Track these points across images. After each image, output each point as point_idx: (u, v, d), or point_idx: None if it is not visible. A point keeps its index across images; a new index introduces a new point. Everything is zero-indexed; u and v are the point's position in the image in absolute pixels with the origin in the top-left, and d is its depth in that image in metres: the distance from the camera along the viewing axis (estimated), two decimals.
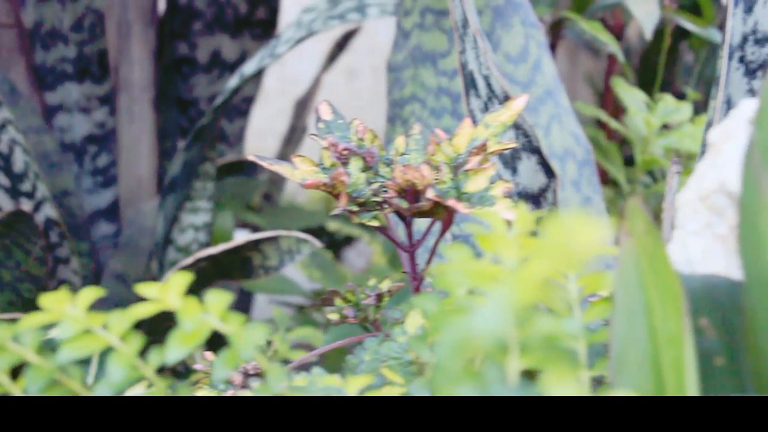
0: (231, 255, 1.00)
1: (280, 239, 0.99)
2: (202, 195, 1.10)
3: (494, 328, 0.34)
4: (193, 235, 1.11)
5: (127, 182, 1.17)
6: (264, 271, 1.03)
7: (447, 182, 0.63)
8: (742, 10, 0.73)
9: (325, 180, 0.64)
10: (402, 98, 0.96)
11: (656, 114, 1.01)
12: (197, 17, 1.23)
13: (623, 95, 1.03)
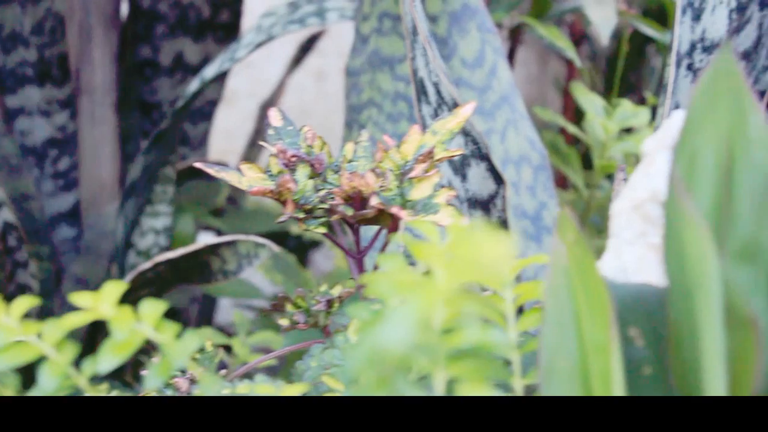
0: (189, 259, 1.00)
1: (238, 243, 1.00)
2: (163, 199, 1.10)
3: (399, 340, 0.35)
4: (153, 239, 1.11)
5: (89, 185, 1.17)
6: (223, 276, 1.03)
7: (393, 189, 0.63)
8: (690, 18, 0.73)
9: (272, 187, 0.64)
10: (359, 103, 0.97)
11: (614, 119, 1.01)
12: (160, 20, 1.23)
13: (582, 100, 1.03)
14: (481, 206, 0.73)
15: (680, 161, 0.44)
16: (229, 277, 1.03)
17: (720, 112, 0.44)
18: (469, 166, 0.72)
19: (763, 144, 0.43)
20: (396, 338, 0.35)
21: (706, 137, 0.44)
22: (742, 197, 0.43)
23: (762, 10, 0.75)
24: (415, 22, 0.67)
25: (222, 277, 1.03)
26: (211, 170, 0.64)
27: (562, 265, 0.45)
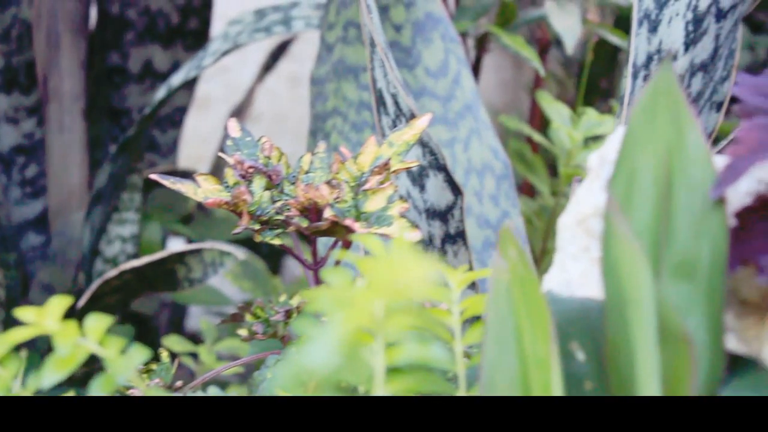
0: (155, 267, 1.00)
1: (203, 252, 1.00)
2: (130, 206, 1.10)
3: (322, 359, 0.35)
4: (120, 247, 1.11)
5: (57, 193, 1.16)
6: (189, 283, 1.03)
7: (348, 201, 0.64)
8: (647, 29, 0.74)
9: (227, 199, 0.64)
10: (324, 112, 0.97)
11: (579, 128, 1.02)
12: (129, 28, 1.23)
13: (547, 108, 1.04)
14: (440, 217, 0.73)
15: (619, 178, 0.44)
16: (195, 285, 1.03)
17: (659, 130, 0.44)
18: (427, 177, 0.72)
19: (701, 162, 0.44)
20: (319, 358, 0.35)
21: (646, 154, 0.44)
22: (680, 214, 0.44)
23: (718, 22, 0.76)
24: (372, 34, 0.67)
25: (188, 284, 1.03)
26: (166, 182, 0.64)
27: (504, 281, 0.45)
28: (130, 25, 1.23)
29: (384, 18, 0.95)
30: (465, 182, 0.91)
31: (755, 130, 0.44)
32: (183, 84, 1.05)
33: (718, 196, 0.43)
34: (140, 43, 1.23)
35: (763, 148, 0.43)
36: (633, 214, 0.44)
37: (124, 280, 1.01)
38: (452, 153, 0.92)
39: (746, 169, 0.42)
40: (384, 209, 0.62)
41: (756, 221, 0.44)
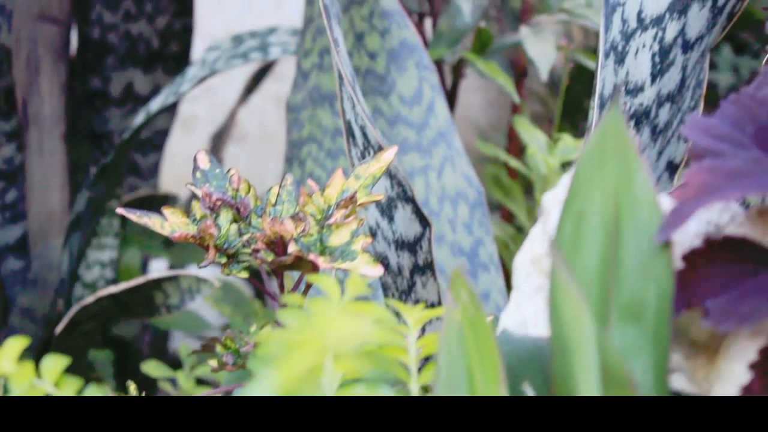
0: (133, 294, 1.00)
1: (180, 278, 1.00)
2: (109, 232, 1.11)
3: None
4: (99, 272, 1.11)
5: (37, 217, 1.17)
6: (166, 309, 1.03)
7: (313, 235, 0.64)
8: (613, 61, 0.74)
9: (193, 233, 0.65)
10: (300, 139, 0.98)
11: (555, 154, 1.03)
12: (110, 52, 1.23)
13: (524, 134, 1.04)
14: (408, 248, 0.73)
15: (568, 220, 0.45)
16: (173, 311, 1.03)
17: (607, 173, 0.45)
18: (395, 208, 0.73)
19: (648, 204, 0.44)
20: None
21: (594, 197, 0.45)
22: (627, 257, 0.44)
23: (685, 53, 0.76)
24: (339, 68, 0.68)
25: (165, 310, 1.03)
26: (132, 216, 0.65)
27: (456, 322, 0.45)
28: (111, 49, 1.23)
29: (359, 45, 0.96)
30: (438, 210, 0.92)
31: (701, 174, 0.45)
32: (161, 109, 1.06)
33: (664, 240, 0.44)
34: (121, 67, 1.24)
35: (708, 192, 0.44)
36: (581, 257, 0.44)
37: (102, 306, 1.01)
38: (426, 180, 0.92)
39: (691, 214, 0.43)
40: (348, 243, 0.62)
41: (702, 264, 0.44)
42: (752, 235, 0.47)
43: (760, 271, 0.44)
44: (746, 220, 0.47)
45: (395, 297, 0.76)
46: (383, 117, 0.94)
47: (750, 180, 0.44)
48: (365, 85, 0.95)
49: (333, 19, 0.69)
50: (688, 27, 0.76)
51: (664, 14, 0.75)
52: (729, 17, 0.78)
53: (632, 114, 0.76)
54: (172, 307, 1.03)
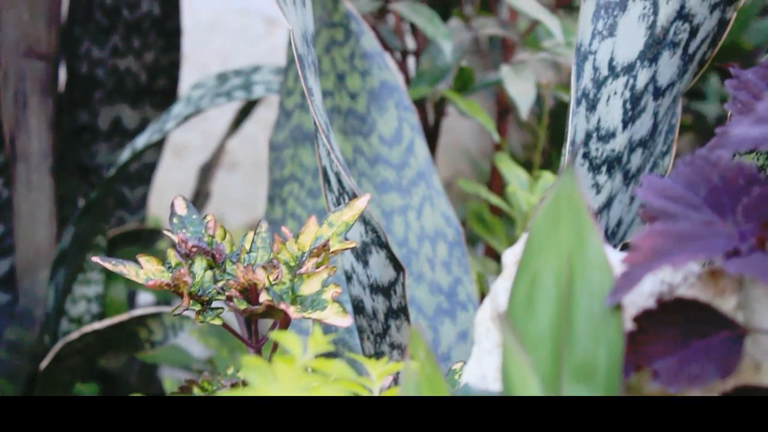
0: (117, 330, 1.01)
1: (163, 315, 1.01)
2: (94, 267, 1.12)
3: None
4: (85, 306, 1.12)
5: (25, 251, 1.18)
6: (151, 345, 1.04)
7: (286, 283, 0.65)
8: (585, 108, 0.75)
9: (168, 281, 0.66)
10: (282, 177, 0.99)
11: (535, 192, 1.04)
12: (98, 87, 1.25)
13: (505, 172, 1.05)
14: (383, 292, 0.74)
15: (522, 281, 0.46)
16: (157, 347, 1.04)
17: (561, 235, 0.46)
18: (370, 254, 0.74)
19: (600, 267, 0.45)
20: None
21: (548, 259, 0.46)
22: (580, 319, 0.45)
23: (656, 99, 0.78)
24: (314, 117, 0.69)
25: (150, 346, 1.04)
26: (107, 264, 0.66)
27: (413, 380, 0.46)
28: (99, 84, 1.25)
29: (341, 85, 0.97)
30: (418, 249, 0.93)
31: (652, 237, 0.46)
32: (147, 147, 1.07)
33: (615, 303, 0.45)
34: (109, 101, 1.25)
35: (658, 256, 0.45)
36: (535, 318, 0.45)
37: (87, 342, 1.02)
38: (405, 220, 0.94)
39: (641, 278, 0.44)
40: (319, 293, 0.63)
41: (653, 326, 0.45)
42: (703, 297, 0.48)
43: (709, 333, 0.45)
44: (698, 281, 0.48)
45: (370, 340, 0.77)
46: (364, 156, 0.95)
47: (699, 244, 0.45)
48: (346, 125, 0.96)
49: (307, 69, 0.70)
50: (659, 74, 0.77)
51: (635, 62, 0.76)
52: (700, 64, 0.79)
53: (604, 159, 0.77)
54: (156, 343, 1.04)
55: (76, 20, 1.23)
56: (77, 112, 1.25)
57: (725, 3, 0.77)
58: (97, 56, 1.24)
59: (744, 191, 0.48)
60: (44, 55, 1.17)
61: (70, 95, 1.25)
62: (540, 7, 1.04)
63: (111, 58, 1.24)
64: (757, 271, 0.43)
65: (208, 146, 1.92)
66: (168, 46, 1.25)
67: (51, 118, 1.17)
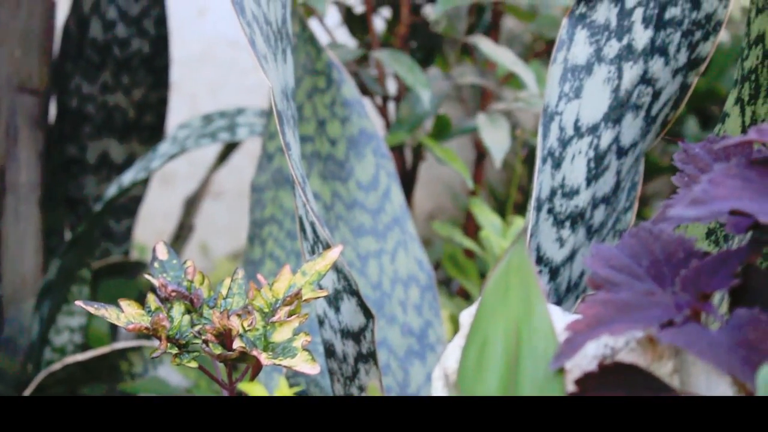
0: (98, 362, 1.05)
1: (144, 348, 1.04)
2: (78, 298, 1.15)
3: None
4: (68, 337, 1.16)
5: (11, 281, 1.21)
6: (131, 377, 1.07)
7: (259, 329, 0.69)
8: (551, 166, 0.79)
9: (147, 325, 0.69)
10: (262, 218, 1.02)
11: (508, 237, 1.07)
12: (87, 121, 1.28)
13: (479, 216, 1.09)
14: (353, 337, 0.78)
15: (473, 345, 0.49)
16: (137, 379, 1.07)
17: (510, 303, 0.50)
18: (342, 300, 0.77)
19: (545, 334, 0.49)
20: None
21: (497, 325, 0.49)
22: (525, 381, 0.49)
23: (619, 158, 0.81)
24: (291, 170, 0.73)
25: (130, 378, 1.08)
26: (90, 308, 0.69)
27: None
28: (88, 118, 1.28)
29: (321, 131, 1.01)
30: (391, 291, 0.97)
31: (595, 306, 0.49)
32: (133, 184, 1.10)
33: (558, 367, 0.48)
34: (97, 136, 1.29)
35: (599, 324, 0.48)
36: (484, 380, 0.49)
37: (69, 372, 1.05)
38: (380, 263, 0.97)
39: (582, 345, 0.48)
40: (290, 341, 0.67)
41: (593, 389, 0.49)
42: (641, 361, 0.51)
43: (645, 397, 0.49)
44: (638, 346, 0.52)
45: (340, 382, 0.80)
46: (341, 201, 0.99)
47: (637, 314, 0.49)
48: (326, 170, 1.00)
49: (286, 124, 0.74)
50: (622, 135, 0.81)
51: (600, 123, 0.80)
52: (663, 125, 0.83)
53: (568, 215, 0.81)
54: (136, 375, 1.07)
55: (68, 57, 1.27)
56: (66, 145, 1.28)
57: (687, 68, 0.81)
58: (87, 92, 1.27)
59: (683, 264, 0.52)
60: (35, 90, 1.21)
61: (59, 129, 1.28)
62: (515, 59, 1.08)
63: (100, 94, 1.27)
64: (687, 342, 0.47)
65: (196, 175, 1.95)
66: (156, 83, 1.28)
67: (41, 151, 1.21)
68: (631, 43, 0.79)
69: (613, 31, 0.79)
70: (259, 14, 0.74)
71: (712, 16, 0.80)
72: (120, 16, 1.26)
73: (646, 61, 0.80)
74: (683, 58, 0.80)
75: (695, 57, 0.81)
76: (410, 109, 1.09)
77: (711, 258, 0.51)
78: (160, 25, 1.27)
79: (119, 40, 1.27)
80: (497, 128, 1.07)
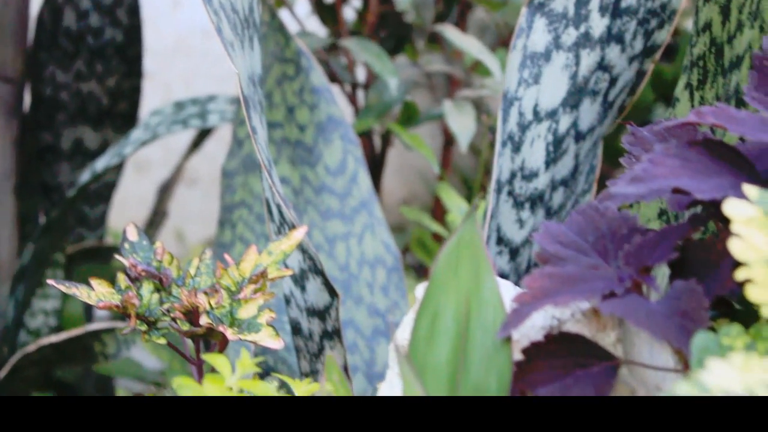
0: (72, 343, 1.07)
1: (117, 330, 1.07)
2: None
3: None
4: (43, 320, 1.18)
5: None
6: (105, 358, 1.10)
7: (225, 307, 0.71)
8: (510, 149, 0.82)
9: (117, 303, 0.71)
10: (232, 203, 1.04)
11: None
12: (61, 109, 1.30)
13: (446, 200, 1.12)
14: (318, 315, 0.80)
15: (424, 316, 0.52)
16: (110, 359, 1.09)
17: (461, 277, 0.52)
18: (307, 279, 0.80)
19: (494, 305, 0.52)
20: None
21: (448, 297, 0.52)
22: (474, 350, 0.51)
23: (577, 142, 0.84)
24: (257, 154, 0.75)
25: (104, 359, 1.10)
26: (62, 287, 0.71)
27: None
28: (62, 106, 1.30)
29: (290, 117, 1.03)
30: (358, 273, 0.99)
31: (541, 279, 0.52)
32: (106, 170, 1.12)
33: (505, 336, 0.51)
34: (72, 123, 1.30)
35: (545, 295, 0.51)
36: (435, 350, 0.51)
37: (43, 354, 1.07)
38: (347, 246, 1.00)
39: (528, 315, 0.50)
40: (255, 317, 0.69)
41: (539, 357, 0.52)
42: (586, 332, 0.54)
43: (588, 365, 0.51)
44: (583, 317, 0.54)
45: (306, 359, 0.82)
46: (310, 185, 1.01)
47: (581, 286, 0.51)
48: (295, 155, 1.02)
49: (252, 110, 0.76)
50: (580, 120, 0.83)
51: (558, 108, 0.82)
52: (620, 110, 0.86)
53: (528, 197, 0.83)
54: (109, 356, 1.09)
55: (42, 45, 1.28)
56: (41, 133, 1.30)
57: (643, 55, 0.84)
58: (62, 80, 1.29)
59: (627, 239, 0.54)
60: (10, 79, 1.22)
61: (34, 117, 1.30)
62: (482, 47, 1.11)
63: (74, 82, 1.29)
64: (627, 312, 0.49)
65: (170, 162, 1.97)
66: (129, 72, 1.30)
67: (15, 138, 1.23)
68: (589, 31, 0.82)
69: (570, 19, 0.82)
70: (226, 2, 0.76)
71: (667, 5, 0.83)
72: (93, 5, 1.28)
73: (603, 49, 0.83)
74: (639, 45, 0.83)
75: (651, 44, 0.83)
76: (378, 96, 1.11)
77: (653, 234, 0.54)
78: (133, 14, 1.29)
79: (93, 30, 1.28)
80: (463, 114, 1.09)
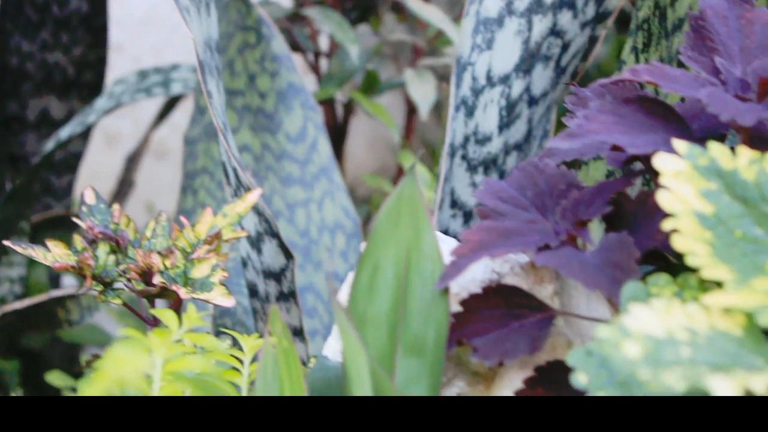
0: (36, 310, 1.08)
1: (80, 296, 1.08)
2: None
3: None
4: (9, 287, 1.19)
5: None
6: (68, 324, 1.11)
7: (180, 267, 0.72)
8: (464, 114, 0.83)
9: (73, 263, 0.72)
10: (194, 170, 1.06)
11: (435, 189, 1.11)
12: (27, 79, 1.30)
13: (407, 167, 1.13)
14: (274, 277, 0.82)
15: (365, 269, 0.53)
16: (74, 326, 1.10)
17: (401, 230, 0.53)
18: (263, 242, 0.81)
19: (432, 258, 0.53)
20: None
21: (388, 250, 0.53)
22: (414, 302, 0.53)
23: (530, 107, 0.85)
24: (213, 118, 0.76)
25: (68, 325, 1.11)
26: (17, 248, 0.73)
27: (271, 352, 0.54)
28: (28, 76, 1.30)
29: (251, 85, 1.04)
30: (318, 239, 1.00)
31: (479, 233, 0.53)
32: (70, 138, 1.13)
33: (442, 288, 0.52)
34: (37, 93, 1.31)
35: (482, 248, 0.52)
36: (375, 301, 0.53)
37: (7, 321, 1.08)
38: (307, 212, 1.01)
39: (465, 267, 0.52)
40: (207, 277, 0.70)
41: (476, 308, 0.53)
42: (524, 285, 0.55)
43: (524, 316, 0.53)
44: (521, 271, 0.56)
45: (263, 321, 0.84)
46: (271, 152, 1.02)
47: (517, 239, 0.53)
48: (256, 123, 1.03)
49: (208, 74, 0.77)
50: (533, 85, 0.85)
51: (511, 73, 0.84)
52: (573, 75, 0.87)
53: (481, 161, 0.85)
54: (73, 322, 1.10)
55: (7, 15, 1.29)
56: (7, 102, 1.31)
57: (595, 21, 0.85)
58: (27, 50, 1.30)
59: (564, 195, 0.56)
60: None
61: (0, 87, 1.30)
62: (443, 16, 1.12)
63: (40, 52, 1.30)
64: (560, 263, 0.51)
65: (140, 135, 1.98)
66: (95, 42, 1.31)
67: None
68: None
69: None
70: None
71: None
72: None
73: (555, 14, 0.84)
74: (591, 11, 0.84)
75: (603, 11, 0.85)
76: (340, 64, 1.12)
77: (588, 189, 0.55)
78: None
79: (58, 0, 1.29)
80: (423, 82, 1.10)
